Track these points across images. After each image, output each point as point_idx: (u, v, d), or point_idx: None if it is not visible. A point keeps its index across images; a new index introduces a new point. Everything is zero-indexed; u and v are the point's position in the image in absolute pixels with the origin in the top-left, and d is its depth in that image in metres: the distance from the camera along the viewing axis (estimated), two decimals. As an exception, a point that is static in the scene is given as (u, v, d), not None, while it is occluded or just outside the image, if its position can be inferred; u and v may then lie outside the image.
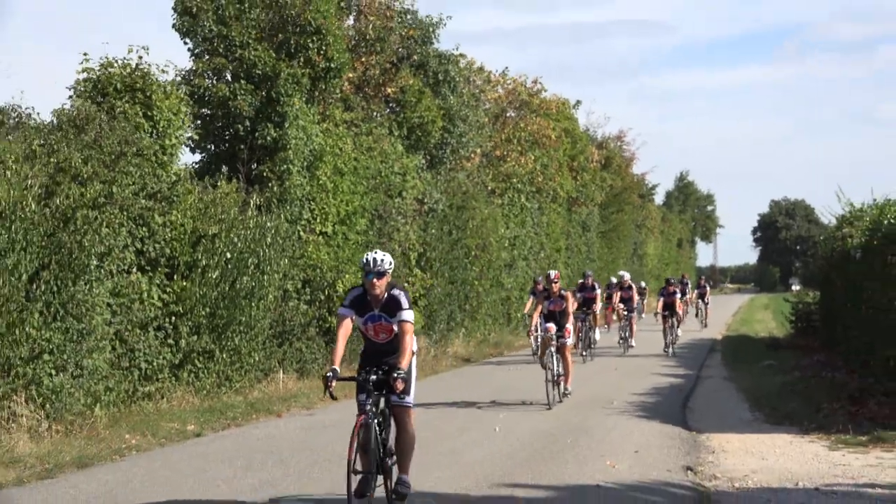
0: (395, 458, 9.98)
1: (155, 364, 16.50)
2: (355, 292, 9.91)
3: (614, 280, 35.71)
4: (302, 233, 21.16)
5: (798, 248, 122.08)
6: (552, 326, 18.21)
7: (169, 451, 13.70)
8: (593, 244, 49.29)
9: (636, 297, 34.77)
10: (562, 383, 18.27)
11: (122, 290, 15.85)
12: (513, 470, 12.04)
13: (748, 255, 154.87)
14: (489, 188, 34.23)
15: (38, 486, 11.26)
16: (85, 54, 17.45)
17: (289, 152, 20.79)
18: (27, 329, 13.31)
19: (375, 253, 9.74)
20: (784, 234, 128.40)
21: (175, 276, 17.07)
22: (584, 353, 26.61)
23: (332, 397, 9.44)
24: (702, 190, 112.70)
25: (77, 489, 11.05)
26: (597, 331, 28.17)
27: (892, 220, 17.99)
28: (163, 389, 16.67)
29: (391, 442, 9.96)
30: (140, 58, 17.81)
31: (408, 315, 9.65)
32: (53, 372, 13.85)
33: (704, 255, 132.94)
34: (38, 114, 15.89)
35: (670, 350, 29.06)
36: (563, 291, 18.82)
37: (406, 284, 25.69)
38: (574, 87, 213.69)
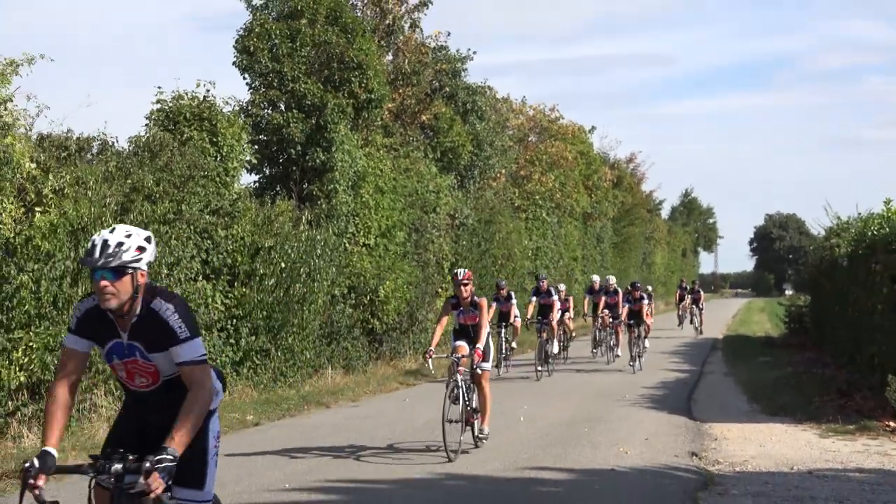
0: None
1: (218, 361, 16.56)
2: (86, 304, 5.17)
3: (602, 281, 28.22)
4: (347, 244, 21.21)
5: (791, 256, 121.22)
6: (463, 346, 12.54)
7: (231, 438, 13.73)
8: (606, 254, 49.17)
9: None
10: (476, 423, 12.47)
11: (190, 296, 15.93)
12: (535, 455, 12.01)
13: (746, 263, 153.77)
14: (514, 204, 34.23)
15: (115, 470, 11.31)
16: (159, 88, 17.68)
17: (335, 173, 20.87)
18: (106, 330, 13.39)
19: (112, 232, 5.03)
20: (778, 244, 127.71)
21: (236, 284, 17.15)
22: (539, 369, 21.43)
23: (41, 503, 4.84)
24: (704, 204, 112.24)
25: (150, 472, 11.09)
26: (554, 343, 22.92)
27: (875, 232, 17.84)
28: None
29: None
30: (207, 91, 18.01)
31: (190, 350, 4.98)
32: (129, 368, 13.92)
33: (706, 263, 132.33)
34: (116, 139, 16.04)
35: (636, 365, 23.06)
36: (475, 298, 12.66)
37: (439, 291, 25.64)
38: (589, 113, 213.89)
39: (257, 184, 21.83)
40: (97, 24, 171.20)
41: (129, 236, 5.01)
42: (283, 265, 17.88)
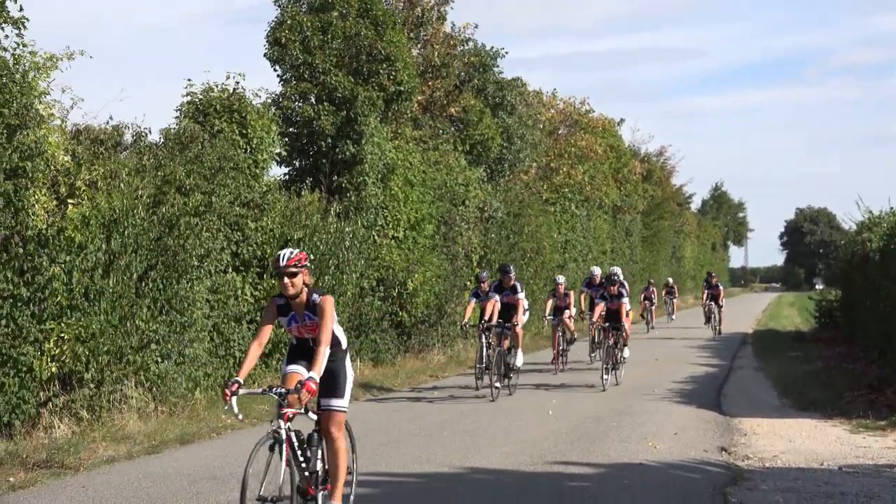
0: None
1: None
2: None
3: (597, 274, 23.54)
4: (376, 237, 21.22)
5: (821, 251, 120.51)
6: (296, 373, 8.18)
7: (260, 429, 13.75)
8: (636, 248, 48.98)
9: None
10: (321, 496, 8.10)
11: (220, 288, 15.99)
12: (564, 449, 11.97)
13: (776, 257, 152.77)
14: (543, 197, 34.14)
15: (145, 460, 11.39)
16: (189, 80, 17.73)
17: (365, 166, 20.88)
18: (137, 322, 13.48)
19: None
20: (809, 238, 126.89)
21: (265, 276, 17.19)
22: (497, 386, 16.62)
23: None
24: (734, 199, 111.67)
25: (179, 463, 11.16)
26: (518, 354, 17.79)
27: (907, 226, 17.71)
28: (254, 375, 16.78)
29: None
30: (237, 83, 18.05)
31: None
32: (159, 359, 14.01)
33: (736, 257, 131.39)
34: (149, 130, 16.12)
35: (609, 379, 18.33)
36: (315, 298, 8.07)
37: (468, 284, 25.60)
38: (618, 107, 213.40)
39: (287, 176, 21.89)
40: (127, 17, 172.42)
41: None
42: (312, 257, 17.91)
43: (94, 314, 12.80)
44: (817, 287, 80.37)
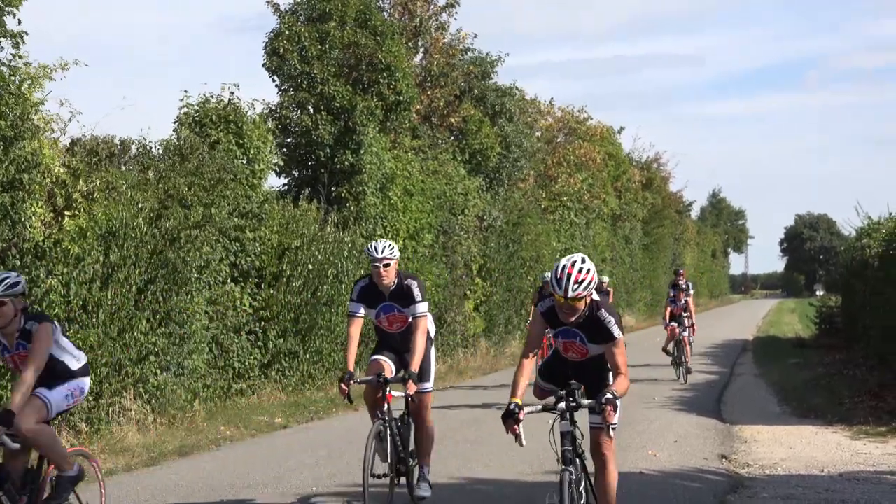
0: None
1: (246, 364, 16.59)
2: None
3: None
4: (376, 247, 21.17)
5: (821, 257, 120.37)
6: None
7: (259, 441, 13.75)
8: (636, 256, 48.92)
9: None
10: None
11: (218, 299, 15.96)
12: (564, 458, 11.89)
13: (776, 263, 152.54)
14: (542, 206, 34.10)
15: (144, 473, 11.34)
16: (185, 91, 17.69)
17: (364, 175, 20.88)
18: (136, 334, 13.45)
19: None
20: (809, 244, 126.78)
21: (263, 286, 17.16)
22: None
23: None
24: (733, 205, 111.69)
25: (179, 475, 11.11)
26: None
27: (906, 232, 17.68)
28: (253, 386, 16.76)
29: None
30: (232, 94, 18.02)
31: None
32: (158, 371, 13.98)
33: (736, 264, 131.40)
34: (155, 145, 16.08)
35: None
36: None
37: (467, 293, 25.59)
38: (618, 114, 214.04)
39: (286, 186, 21.88)
40: (128, 27, 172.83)
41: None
42: (310, 267, 17.88)
43: (92, 326, 12.75)
44: (818, 293, 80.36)
